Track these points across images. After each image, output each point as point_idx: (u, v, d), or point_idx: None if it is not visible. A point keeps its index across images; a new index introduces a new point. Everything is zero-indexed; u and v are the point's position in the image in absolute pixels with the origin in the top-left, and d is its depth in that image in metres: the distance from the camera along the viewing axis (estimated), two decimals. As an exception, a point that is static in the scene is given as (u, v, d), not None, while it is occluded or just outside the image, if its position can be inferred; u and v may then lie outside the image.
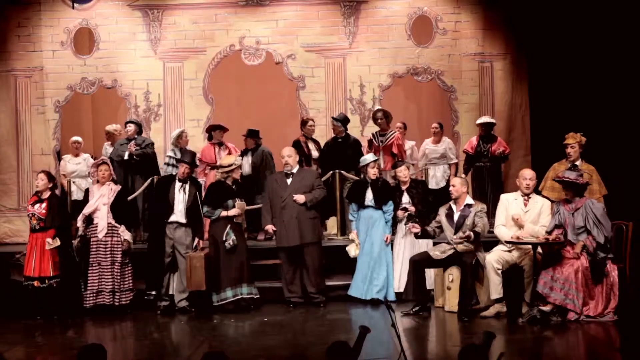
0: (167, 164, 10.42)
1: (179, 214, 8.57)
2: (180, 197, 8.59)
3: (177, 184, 8.65)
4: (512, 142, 11.06)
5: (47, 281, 8.48)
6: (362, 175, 9.22)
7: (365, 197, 8.92)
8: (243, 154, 10.41)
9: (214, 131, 10.64)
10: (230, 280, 8.50)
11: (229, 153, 10.39)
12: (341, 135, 10.43)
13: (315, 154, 10.45)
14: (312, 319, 8.08)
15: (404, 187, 8.97)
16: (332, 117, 10.64)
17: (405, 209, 8.79)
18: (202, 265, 8.44)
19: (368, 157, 9.18)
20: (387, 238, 8.86)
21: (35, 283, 8.46)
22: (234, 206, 8.58)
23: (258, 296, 8.64)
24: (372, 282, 8.78)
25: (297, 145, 10.06)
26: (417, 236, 8.43)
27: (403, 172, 8.97)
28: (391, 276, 8.84)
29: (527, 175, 8.16)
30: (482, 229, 7.99)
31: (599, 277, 7.60)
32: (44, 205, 8.63)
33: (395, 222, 8.89)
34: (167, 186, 8.69)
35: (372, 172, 8.96)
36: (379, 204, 8.90)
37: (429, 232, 8.34)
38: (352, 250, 8.87)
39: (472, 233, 7.93)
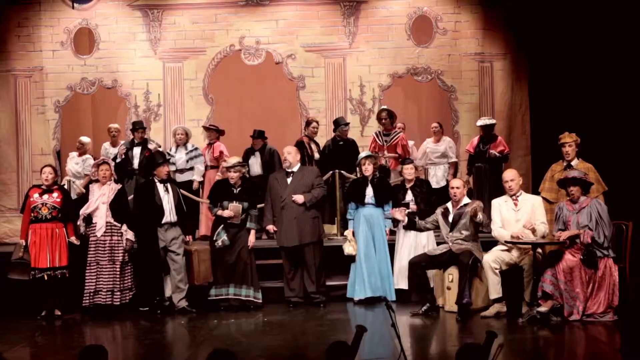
0: None
1: (169, 215, 8.59)
2: (167, 198, 8.61)
3: (160, 186, 8.64)
4: (512, 142, 11.06)
5: (58, 271, 8.44)
6: (359, 174, 9.22)
7: (365, 195, 8.89)
8: (249, 153, 10.42)
9: (206, 132, 10.68)
10: (217, 279, 8.64)
11: (219, 154, 10.43)
12: (345, 137, 10.44)
13: (316, 155, 10.44)
14: (312, 319, 8.07)
15: (408, 185, 8.95)
16: (342, 124, 10.43)
17: (407, 205, 8.73)
18: (209, 258, 8.70)
19: (362, 154, 9.19)
20: (388, 231, 8.90)
21: (45, 276, 8.41)
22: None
23: (258, 300, 8.63)
24: (376, 280, 8.74)
25: (300, 145, 10.01)
26: (404, 227, 8.51)
27: (409, 170, 8.96)
28: (391, 274, 8.83)
29: (507, 177, 8.16)
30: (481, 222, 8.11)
31: (590, 266, 7.56)
32: (55, 194, 8.61)
33: (395, 220, 8.83)
34: (150, 190, 8.64)
35: (365, 169, 8.94)
36: (379, 202, 8.89)
37: (417, 224, 8.36)
38: (347, 247, 8.81)
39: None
